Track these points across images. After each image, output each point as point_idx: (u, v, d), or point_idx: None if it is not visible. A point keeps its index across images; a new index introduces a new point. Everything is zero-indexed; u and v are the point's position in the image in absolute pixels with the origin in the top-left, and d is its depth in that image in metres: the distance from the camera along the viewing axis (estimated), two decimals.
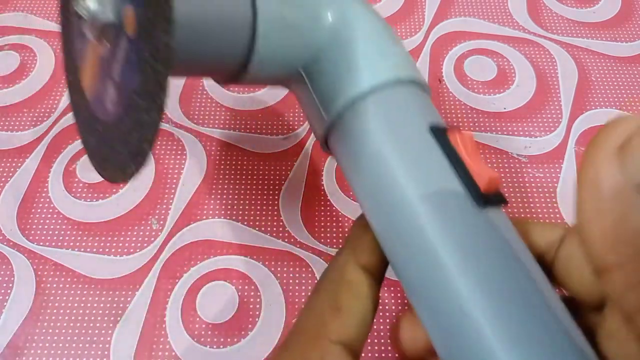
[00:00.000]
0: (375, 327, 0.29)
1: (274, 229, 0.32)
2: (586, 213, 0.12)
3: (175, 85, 0.37)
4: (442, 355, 0.18)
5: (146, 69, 0.17)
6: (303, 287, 0.30)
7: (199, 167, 0.34)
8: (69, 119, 0.36)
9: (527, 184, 0.33)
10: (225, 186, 0.33)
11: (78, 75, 0.24)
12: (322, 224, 0.32)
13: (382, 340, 0.29)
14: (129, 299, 0.30)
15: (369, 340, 0.29)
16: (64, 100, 0.37)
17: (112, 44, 0.20)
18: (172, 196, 0.33)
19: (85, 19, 0.19)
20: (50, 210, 0.32)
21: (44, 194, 0.33)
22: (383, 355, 0.28)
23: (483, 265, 0.17)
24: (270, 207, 0.33)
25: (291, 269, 0.31)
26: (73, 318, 0.29)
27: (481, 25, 0.41)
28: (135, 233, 0.32)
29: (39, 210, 0.32)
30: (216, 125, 0.36)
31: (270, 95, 0.37)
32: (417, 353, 0.20)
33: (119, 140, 0.20)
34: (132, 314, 0.29)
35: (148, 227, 0.32)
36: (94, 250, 0.31)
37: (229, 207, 0.33)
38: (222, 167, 0.34)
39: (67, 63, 0.26)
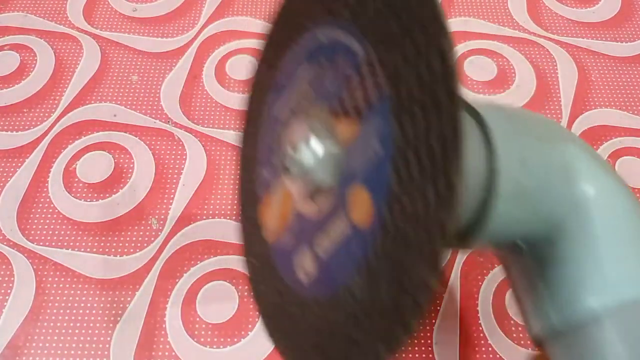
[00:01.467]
0: None
1: None
2: None
3: (176, 85, 0.37)
4: None
5: (380, 285, 0.13)
6: None
7: (199, 167, 0.34)
8: (69, 119, 0.36)
9: None
10: (225, 186, 0.33)
11: (256, 206, 0.21)
12: None
13: None
14: (128, 298, 0.30)
15: None
16: (64, 101, 0.37)
17: (323, 213, 0.16)
18: (172, 196, 0.33)
19: (292, 171, 0.16)
20: (50, 210, 0.32)
21: (44, 194, 0.33)
22: None
23: None
24: None
25: None
26: (73, 318, 0.29)
27: (481, 25, 0.41)
28: (135, 233, 0.32)
29: (39, 210, 0.32)
30: (216, 126, 0.36)
31: None
32: None
33: (309, 327, 0.16)
34: (132, 314, 0.29)
35: (148, 227, 0.32)
36: (94, 250, 0.31)
37: (229, 207, 0.33)
38: (222, 167, 0.34)
39: (242, 179, 0.23)
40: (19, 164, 0.34)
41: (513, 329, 0.29)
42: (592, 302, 0.16)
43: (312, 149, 0.16)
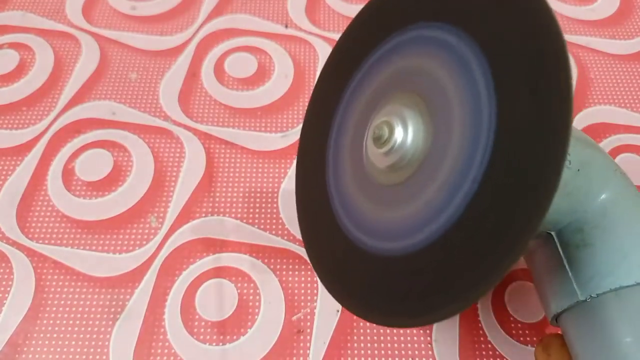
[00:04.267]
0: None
1: (273, 226, 0.32)
2: None
3: (175, 83, 0.37)
4: None
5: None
6: (302, 285, 0.30)
7: (197, 165, 0.34)
8: (68, 117, 0.36)
9: None
10: (224, 184, 0.33)
11: (323, 171, 0.25)
12: None
13: (378, 338, 0.29)
14: (128, 296, 0.30)
15: (367, 338, 0.29)
16: (63, 99, 0.37)
17: (412, 182, 0.19)
18: (171, 194, 0.33)
19: (382, 143, 0.20)
20: (50, 209, 0.32)
21: (43, 192, 0.33)
22: (376, 352, 0.28)
23: None
24: (269, 205, 0.33)
25: (290, 267, 0.31)
26: (72, 316, 0.29)
27: None
28: (134, 231, 0.32)
29: (38, 209, 0.32)
30: (215, 123, 0.36)
31: (269, 93, 0.37)
32: None
33: (385, 277, 0.20)
34: (131, 311, 0.29)
35: (147, 225, 0.32)
36: (93, 248, 0.31)
37: (228, 204, 0.33)
38: (220, 164, 0.34)
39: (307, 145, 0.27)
40: (18, 162, 0.34)
41: (512, 325, 0.29)
42: (612, 281, 0.19)
43: (406, 128, 0.19)
